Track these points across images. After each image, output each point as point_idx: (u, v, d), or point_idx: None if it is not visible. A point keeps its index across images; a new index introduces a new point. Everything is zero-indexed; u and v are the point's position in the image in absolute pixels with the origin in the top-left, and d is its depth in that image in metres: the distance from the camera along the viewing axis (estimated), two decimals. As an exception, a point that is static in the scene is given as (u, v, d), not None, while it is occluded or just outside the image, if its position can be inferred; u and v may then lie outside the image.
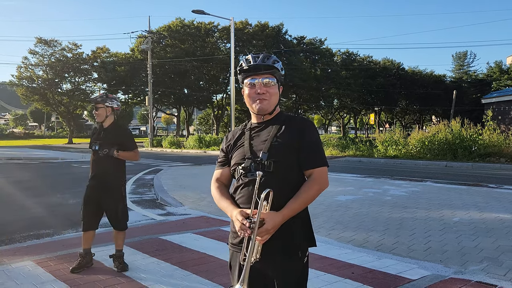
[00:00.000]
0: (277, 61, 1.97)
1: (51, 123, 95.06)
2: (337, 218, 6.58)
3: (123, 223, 4.30)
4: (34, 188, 10.46)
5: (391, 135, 21.88)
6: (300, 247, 1.89)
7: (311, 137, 1.91)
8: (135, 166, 16.76)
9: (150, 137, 35.91)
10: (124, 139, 4.33)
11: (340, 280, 3.87)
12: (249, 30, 44.26)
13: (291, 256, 1.87)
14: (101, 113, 4.25)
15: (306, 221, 1.93)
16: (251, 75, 1.94)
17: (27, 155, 22.28)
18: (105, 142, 4.20)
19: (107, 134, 4.27)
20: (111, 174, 4.23)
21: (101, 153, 4.17)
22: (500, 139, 18.04)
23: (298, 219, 1.88)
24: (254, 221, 1.72)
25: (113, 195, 4.24)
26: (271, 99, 1.95)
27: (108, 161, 4.19)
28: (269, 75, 1.95)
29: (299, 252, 1.88)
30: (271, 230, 1.75)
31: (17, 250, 4.91)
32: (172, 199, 8.59)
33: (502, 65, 50.23)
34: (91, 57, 46.63)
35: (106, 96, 4.32)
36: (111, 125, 4.32)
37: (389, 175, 12.79)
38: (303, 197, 1.83)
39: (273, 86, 1.96)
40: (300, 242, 1.89)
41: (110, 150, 4.18)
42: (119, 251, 4.28)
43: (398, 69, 55.28)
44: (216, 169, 2.09)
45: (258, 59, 1.94)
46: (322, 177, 1.88)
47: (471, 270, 4.20)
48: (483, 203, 7.82)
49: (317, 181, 1.86)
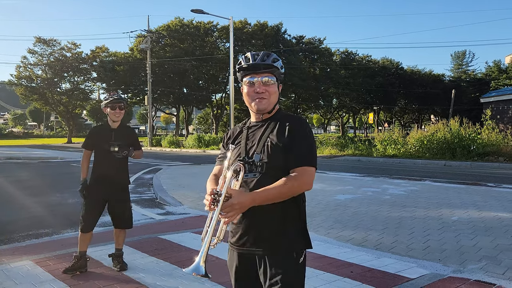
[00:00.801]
0: (277, 59, 1.95)
1: (50, 122, 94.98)
2: (336, 217, 6.59)
3: (131, 222, 4.31)
4: (33, 188, 10.46)
5: (390, 134, 21.89)
6: (293, 248, 1.86)
7: (301, 136, 1.87)
8: (134, 165, 16.76)
9: (150, 137, 35.91)
10: (134, 138, 4.37)
11: (339, 279, 3.88)
12: (248, 30, 44.21)
13: (285, 256, 1.84)
14: (123, 113, 4.22)
15: (298, 221, 1.90)
16: (250, 73, 1.93)
17: (26, 155, 22.25)
18: (123, 143, 4.15)
19: (119, 135, 4.20)
20: (122, 174, 4.23)
21: (120, 155, 4.11)
22: (499, 138, 18.07)
23: (290, 218, 1.86)
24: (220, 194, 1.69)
25: (124, 195, 4.25)
26: (270, 98, 1.93)
27: (121, 162, 4.18)
28: (269, 74, 1.92)
29: (294, 253, 1.86)
30: (236, 206, 1.69)
31: (16, 250, 4.91)
32: (172, 198, 8.60)
33: (501, 64, 50.32)
34: (90, 57, 46.59)
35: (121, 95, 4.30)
36: (120, 126, 4.26)
37: (388, 174, 12.81)
38: (277, 189, 1.75)
39: (273, 85, 1.93)
40: (293, 242, 1.86)
41: (130, 151, 4.18)
42: (119, 250, 4.26)
43: (397, 68, 55.27)
44: (216, 165, 2.08)
45: (257, 57, 1.92)
46: (303, 176, 1.80)
47: (469, 269, 4.21)
48: (482, 202, 7.83)
49: (298, 179, 1.78)
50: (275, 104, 1.98)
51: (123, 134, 4.23)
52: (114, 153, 4.11)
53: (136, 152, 4.31)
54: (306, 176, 1.80)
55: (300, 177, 1.79)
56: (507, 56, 50.11)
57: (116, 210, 4.21)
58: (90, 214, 4.14)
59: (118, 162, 4.15)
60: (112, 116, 4.16)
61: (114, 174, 4.15)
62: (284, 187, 1.76)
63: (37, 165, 17.34)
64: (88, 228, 4.15)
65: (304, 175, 1.80)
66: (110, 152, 4.10)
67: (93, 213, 4.16)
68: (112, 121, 4.19)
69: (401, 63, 61.04)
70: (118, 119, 4.19)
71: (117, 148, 4.10)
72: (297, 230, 1.89)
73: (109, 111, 4.15)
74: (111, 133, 4.17)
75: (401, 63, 61.04)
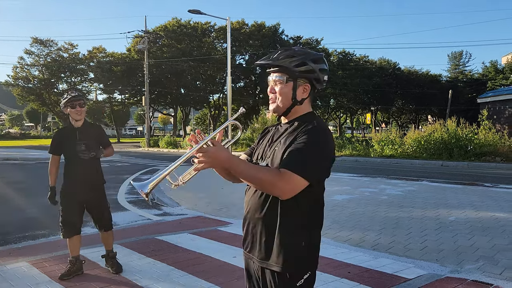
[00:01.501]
0: (291, 56, 1.75)
1: (47, 123, 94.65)
2: (333, 217, 6.59)
3: (110, 222, 4.19)
4: (30, 189, 10.41)
5: (387, 134, 21.91)
6: (286, 267, 1.68)
7: (300, 143, 1.66)
8: (132, 166, 16.74)
9: (147, 137, 35.84)
10: (101, 136, 4.21)
11: (337, 279, 3.87)
12: (246, 30, 44.22)
13: (274, 273, 1.71)
14: (84, 110, 4.07)
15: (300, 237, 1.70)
16: (270, 71, 1.82)
17: (23, 156, 22.16)
18: (89, 143, 3.99)
19: (85, 133, 4.02)
20: (95, 175, 4.09)
21: (87, 156, 3.96)
22: (496, 138, 18.12)
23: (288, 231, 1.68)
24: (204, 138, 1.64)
25: (100, 195, 4.13)
26: (279, 100, 1.78)
27: (92, 162, 4.03)
28: (278, 72, 1.78)
29: (286, 274, 1.69)
30: (211, 155, 1.58)
31: (12, 251, 4.88)
32: (169, 199, 8.58)
33: (497, 64, 50.47)
34: (87, 57, 46.53)
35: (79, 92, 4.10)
36: (84, 124, 4.09)
37: (386, 175, 12.82)
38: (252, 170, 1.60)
39: (282, 85, 1.77)
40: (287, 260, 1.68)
41: (98, 152, 4.06)
42: (110, 251, 4.18)
43: (394, 68, 55.38)
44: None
45: (273, 55, 1.79)
46: (281, 179, 1.57)
47: (467, 269, 4.21)
48: (479, 202, 7.85)
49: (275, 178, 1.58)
50: (290, 106, 1.78)
51: (88, 133, 4.06)
52: (81, 153, 3.95)
53: (106, 151, 4.18)
54: (283, 181, 1.58)
55: (278, 178, 1.58)
56: (504, 57, 50.21)
57: (94, 212, 4.10)
58: (70, 218, 3.99)
59: (88, 162, 3.98)
60: (73, 115, 4.00)
61: (88, 175, 4.00)
62: (258, 174, 1.59)
63: (34, 166, 17.27)
64: (71, 233, 4.01)
65: (282, 179, 1.58)
66: (77, 153, 3.94)
67: (72, 218, 4.00)
68: (74, 120, 4.03)
69: (398, 63, 61.34)
70: (80, 117, 4.02)
71: (84, 147, 3.95)
72: (298, 247, 1.69)
73: (70, 110, 4.00)
74: (75, 133, 4.01)
75: (398, 63, 61.34)
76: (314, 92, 1.83)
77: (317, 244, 1.77)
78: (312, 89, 1.80)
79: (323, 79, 1.79)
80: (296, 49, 1.78)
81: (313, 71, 1.75)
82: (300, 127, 1.73)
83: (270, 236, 1.71)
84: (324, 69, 1.79)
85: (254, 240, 1.77)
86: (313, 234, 1.74)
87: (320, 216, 1.78)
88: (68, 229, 4.00)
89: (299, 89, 1.77)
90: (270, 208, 1.71)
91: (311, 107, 1.85)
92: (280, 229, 1.69)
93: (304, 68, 1.74)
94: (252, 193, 1.80)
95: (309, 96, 1.81)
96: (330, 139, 1.71)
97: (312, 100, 1.86)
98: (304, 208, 1.70)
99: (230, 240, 5.25)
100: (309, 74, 1.76)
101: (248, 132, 27.94)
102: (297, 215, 1.69)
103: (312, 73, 1.76)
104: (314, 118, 1.78)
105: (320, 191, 1.77)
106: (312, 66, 1.74)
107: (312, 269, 1.76)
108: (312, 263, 1.75)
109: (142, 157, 22.55)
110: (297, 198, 1.65)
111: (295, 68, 1.74)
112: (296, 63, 1.74)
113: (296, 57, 1.74)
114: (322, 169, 1.69)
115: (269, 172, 1.60)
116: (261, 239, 1.74)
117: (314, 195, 1.72)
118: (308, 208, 1.71)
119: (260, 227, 1.74)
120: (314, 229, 1.75)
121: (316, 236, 1.76)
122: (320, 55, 1.80)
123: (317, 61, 1.76)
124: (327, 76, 1.81)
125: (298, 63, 1.74)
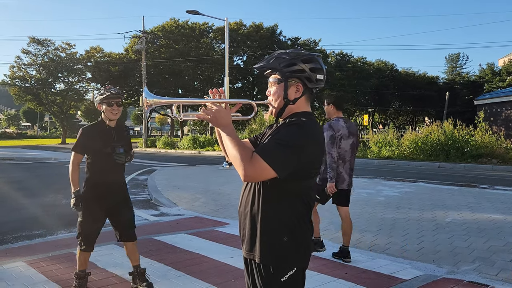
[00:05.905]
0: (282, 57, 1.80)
1: (44, 123, 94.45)
2: (330, 218, 6.60)
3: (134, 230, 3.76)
4: (27, 189, 10.38)
5: (384, 136, 21.99)
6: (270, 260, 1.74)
7: (279, 133, 1.71)
8: (129, 166, 16.69)
9: (144, 138, 35.79)
10: (130, 139, 3.79)
11: (334, 280, 3.88)
12: (244, 31, 44.27)
13: (259, 265, 1.76)
14: (121, 110, 3.58)
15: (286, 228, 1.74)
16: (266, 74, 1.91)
17: (20, 155, 22.09)
18: (126, 146, 3.62)
19: (120, 136, 3.60)
20: (123, 180, 3.69)
21: (123, 160, 3.56)
22: (492, 140, 18.20)
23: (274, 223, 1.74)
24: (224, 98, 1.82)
25: (129, 203, 3.71)
26: (273, 100, 1.84)
27: (122, 167, 3.63)
28: (271, 74, 1.86)
29: (270, 267, 1.74)
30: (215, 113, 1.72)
31: (8, 251, 4.87)
32: (166, 199, 8.57)
33: (494, 67, 50.63)
34: (85, 57, 46.42)
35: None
36: (117, 125, 3.62)
37: (383, 176, 12.85)
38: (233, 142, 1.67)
39: (274, 86, 1.83)
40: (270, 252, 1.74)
41: (131, 156, 3.68)
42: (138, 266, 3.70)
43: (391, 70, 55.52)
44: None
45: (267, 58, 1.85)
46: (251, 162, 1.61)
47: (463, 270, 4.23)
48: (475, 203, 7.88)
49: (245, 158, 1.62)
50: (282, 107, 1.82)
51: (123, 134, 3.63)
52: (117, 156, 3.51)
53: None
54: (250, 163, 1.61)
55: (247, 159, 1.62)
56: (501, 59, 50.42)
57: (122, 219, 3.62)
58: (94, 231, 3.54)
59: (121, 167, 3.61)
60: (108, 113, 3.49)
61: (118, 180, 3.61)
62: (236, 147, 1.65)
63: (31, 166, 17.22)
64: (92, 247, 3.58)
65: (249, 161, 1.61)
66: (111, 155, 3.49)
67: (96, 230, 3.57)
68: (108, 120, 3.52)
69: (396, 65, 61.39)
70: (115, 117, 3.52)
71: (122, 150, 3.54)
72: (279, 241, 1.74)
73: (105, 108, 3.49)
74: (111, 133, 3.54)
75: (396, 65, 61.39)
76: (312, 92, 1.85)
77: (305, 242, 1.78)
78: (306, 88, 1.82)
79: (315, 78, 1.80)
80: (289, 51, 1.82)
81: (303, 70, 1.78)
82: (287, 122, 1.78)
83: (254, 229, 1.79)
84: (317, 68, 1.80)
85: (244, 233, 1.85)
86: (298, 231, 1.76)
87: (304, 214, 1.78)
88: (89, 244, 3.54)
89: (291, 89, 1.80)
90: (255, 202, 1.78)
91: (308, 107, 1.87)
92: (262, 222, 1.76)
93: (294, 68, 1.78)
94: (244, 188, 1.88)
95: (303, 96, 1.82)
96: (310, 141, 1.70)
97: (310, 100, 1.88)
98: (285, 204, 1.74)
99: (227, 241, 5.26)
100: (300, 73, 1.78)
101: (245, 133, 27.96)
102: (277, 210, 1.74)
103: (303, 73, 1.78)
104: (305, 116, 1.80)
105: (302, 189, 1.77)
106: (302, 66, 1.77)
107: (299, 266, 1.77)
108: (298, 260, 1.76)
109: (140, 157, 22.52)
110: (278, 194, 1.73)
111: (285, 69, 1.78)
112: (286, 63, 1.78)
113: (286, 58, 1.79)
114: (293, 164, 1.66)
115: (245, 150, 1.65)
116: (247, 232, 1.82)
117: (295, 193, 1.75)
118: (289, 205, 1.74)
119: (248, 221, 1.82)
120: (298, 226, 1.76)
121: (303, 234, 1.77)
122: (311, 55, 1.81)
123: (308, 61, 1.79)
124: (322, 75, 1.82)
125: (288, 64, 1.78)
